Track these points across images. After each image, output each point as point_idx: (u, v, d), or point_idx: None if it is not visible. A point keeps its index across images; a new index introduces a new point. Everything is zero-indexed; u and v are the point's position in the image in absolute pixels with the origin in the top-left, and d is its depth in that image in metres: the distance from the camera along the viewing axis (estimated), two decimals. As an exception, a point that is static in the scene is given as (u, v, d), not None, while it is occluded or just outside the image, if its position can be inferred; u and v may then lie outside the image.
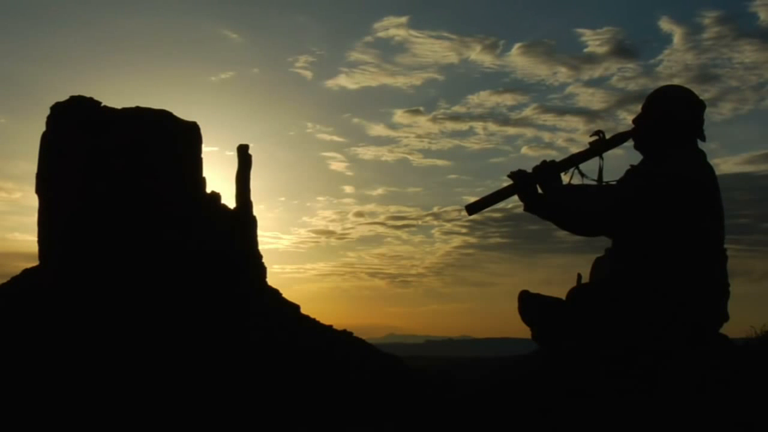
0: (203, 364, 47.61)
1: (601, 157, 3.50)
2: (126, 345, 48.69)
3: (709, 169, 3.33)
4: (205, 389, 44.15)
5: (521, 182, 3.44)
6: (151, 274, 56.43)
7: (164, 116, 62.89)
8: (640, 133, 3.45)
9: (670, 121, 3.36)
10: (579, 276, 3.50)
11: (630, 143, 3.50)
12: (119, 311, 52.52)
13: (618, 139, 3.50)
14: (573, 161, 3.50)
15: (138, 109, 62.56)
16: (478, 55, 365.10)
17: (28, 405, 38.97)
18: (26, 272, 59.23)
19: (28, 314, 51.50)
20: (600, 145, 3.50)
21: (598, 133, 3.52)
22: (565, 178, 3.48)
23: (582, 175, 3.50)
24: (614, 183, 3.45)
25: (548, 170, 3.46)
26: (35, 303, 53.03)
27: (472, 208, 3.52)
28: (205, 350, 49.57)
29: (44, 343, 47.84)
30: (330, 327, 62.64)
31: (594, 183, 3.48)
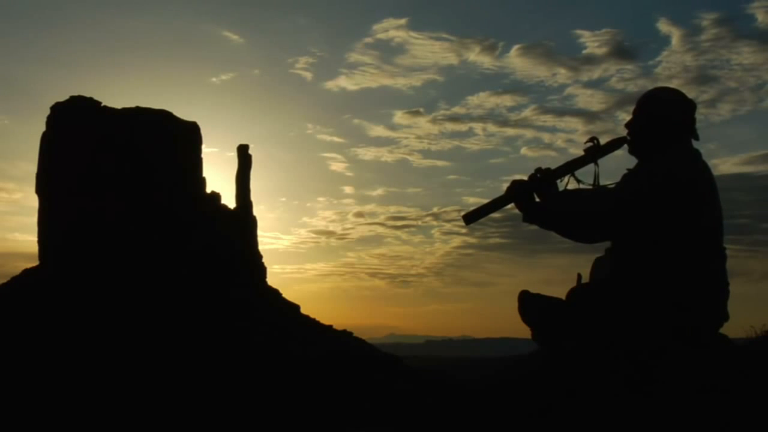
0: (203, 364, 47.61)
1: (596, 164, 3.50)
2: (126, 345, 48.69)
3: (704, 166, 3.33)
4: (205, 389, 44.15)
5: (517, 191, 3.45)
6: (151, 274, 56.45)
7: (164, 116, 62.92)
8: (633, 138, 3.46)
9: (662, 122, 3.37)
10: (579, 276, 3.50)
11: (625, 149, 3.51)
12: (119, 311, 52.52)
13: (612, 145, 3.51)
14: (568, 168, 3.51)
15: (138, 109, 62.60)
16: (477, 56, 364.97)
17: (28, 405, 38.97)
18: (26, 272, 59.24)
19: (28, 314, 51.50)
20: (595, 151, 3.51)
21: (592, 139, 3.53)
22: (561, 186, 3.49)
23: (578, 181, 3.50)
24: (612, 185, 3.45)
25: (544, 178, 3.46)
26: (35, 303, 53.04)
27: (469, 218, 3.52)
28: (205, 350, 49.57)
29: (44, 343, 47.85)
30: (330, 327, 62.67)
31: (590, 188, 3.49)
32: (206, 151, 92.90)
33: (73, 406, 39.95)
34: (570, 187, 3.49)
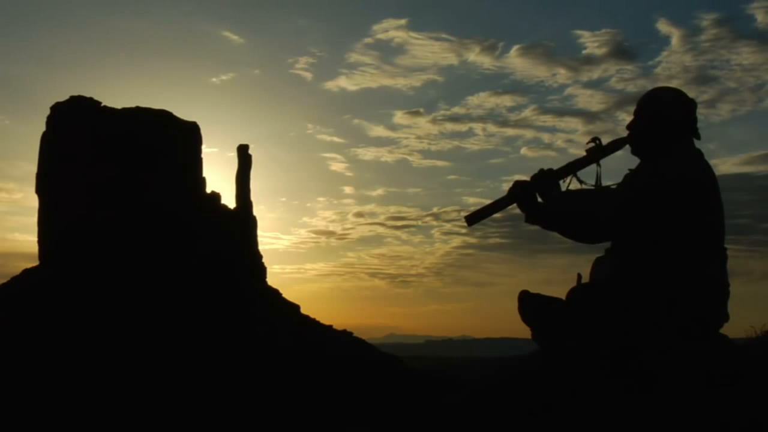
0: (203, 364, 47.61)
1: (599, 164, 3.50)
2: (126, 345, 48.69)
3: (706, 166, 3.33)
4: (206, 389, 44.15)
5: (520, 192, 3.44)
6: (151, 275, 56.43)
7: (164, 116, 62.90)
8: (635, 138, 3.46)
9: (664, 122, 3.37)
10: (579, 276, 3.50)
11: (627, 149, 3.51)
12: (119, 311, 52.51)
13: (615, 146, 3.50)
14: (570, 169, 3.50)
15: (138, 109, 62.58)
16: (477, 56, 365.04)
17: (28, 405, 38.97)
18: (26, 272, 59.22)
19: (28, 314, 51.49)
20: (597, 152, 3.50)
21: (594, 139, 3.53)
22: (563, 186, 3.49)
23: (580, 182, 3.50)
24: (614, 186, 3.45)
25: (546, 179, 3.46)
26: (35, 303, 53.02)
27: (471, 219, 3.51)
28: (205, 350, 49.57)
29: (44, 344, 47.84)
30: (330, 327, 62.66)
31: (593, 189, 3.48)
32: (206, 151, 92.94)
33: (73, 406, 39.95)
34: (572, 187, 3.49)
